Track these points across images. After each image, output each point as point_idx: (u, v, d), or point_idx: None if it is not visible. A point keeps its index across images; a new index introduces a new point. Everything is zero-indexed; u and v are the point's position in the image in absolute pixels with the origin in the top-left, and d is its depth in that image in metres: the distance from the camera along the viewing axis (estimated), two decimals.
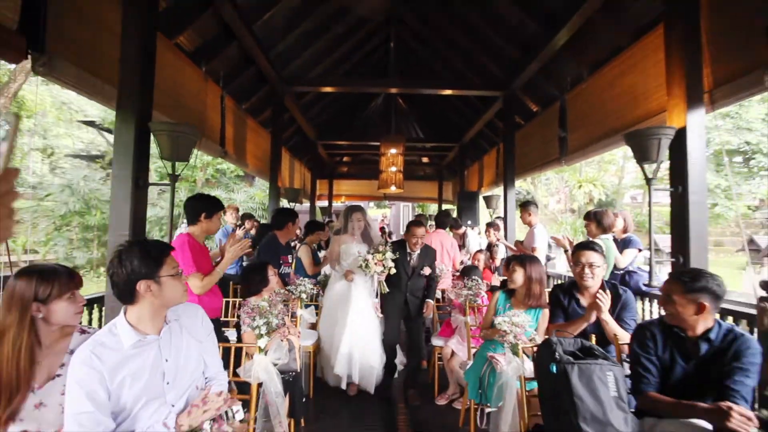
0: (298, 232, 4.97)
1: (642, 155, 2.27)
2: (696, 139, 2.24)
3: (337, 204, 11.40)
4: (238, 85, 4.87)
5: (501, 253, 4.67)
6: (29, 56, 2.07)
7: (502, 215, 5.27)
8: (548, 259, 5.49)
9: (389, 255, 2.97)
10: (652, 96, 2.89)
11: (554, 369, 1.45)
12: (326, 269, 3.83)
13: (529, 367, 1.76)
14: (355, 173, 11.54)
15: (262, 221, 6.04)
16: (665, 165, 2.49)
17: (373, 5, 3.25)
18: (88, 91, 2.31)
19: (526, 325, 1.73)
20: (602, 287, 2.10)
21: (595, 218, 3.05)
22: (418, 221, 3.31)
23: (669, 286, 1.54)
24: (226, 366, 1.62)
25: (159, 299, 1.29)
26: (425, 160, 11.53)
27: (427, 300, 3.22)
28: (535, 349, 1.73)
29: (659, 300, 1.71)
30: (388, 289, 3.11)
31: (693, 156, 2.23)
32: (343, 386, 3.07)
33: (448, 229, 4.62)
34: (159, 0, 2.51)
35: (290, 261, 3.25)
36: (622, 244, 3.49)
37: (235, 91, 4.87)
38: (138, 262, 1.26)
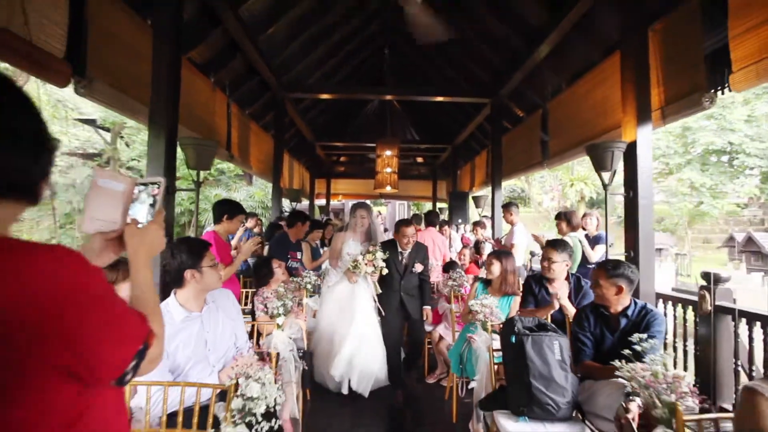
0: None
1: (599, 165, 2.66)
2: (644, 151, 2.62)
3: (335, 202, 11.75)
4: (243, 93, 5.20)
5: (488, 249, 5.06)
6: (72, 80, 2.41)
7: (488, 214, 5.65)
8: (532, 254, 5.90)
9: (379, 255, 2.91)
10: (615, 110, 3.26)
11: (513, 340, 1.83)
12: (325, 264, 4.14)
13: (498, 343, 2.15)
14: (352, 172, 11.88)
15: (263, 219, 6.39)
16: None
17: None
18: (122, 108, 2.66)
19: (493, 306, 2.11)
20: (567, 279, 2.49)
21: (565, 218, 3.43)
22: (407, 220, 3.28)
23: (596, 272, 1.93)
24: (249, 339, 1.99)
25: (201, 285, 1.65)
26: (420, 159, 11.90)
27: (425, 307, 3.18)
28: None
29: (591, 284, 2.09)
30: (381, 290, 3.05)
31: (642, 166, 2.61)
32: (344, 390, 2.93)
33: (437, 227, 4.99)
34: (182, 29, 2.84)
35: (299, 257, 3.61)
36: (594, 241, 3.89)
37: (240, 98, 5.21)
38: (186, 255, 1.62)
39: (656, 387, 1.16)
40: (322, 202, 11.32)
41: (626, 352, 1.55)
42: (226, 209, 2.47)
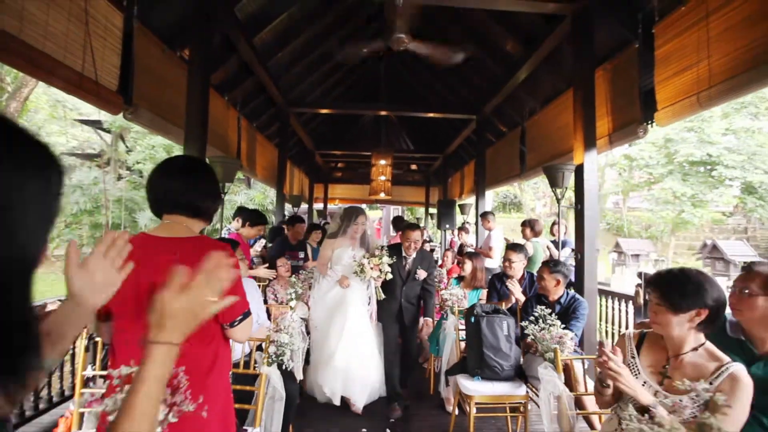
0: None
1: (553, 182, 3.24)
2: (590, 172, 3.20)
3: (332, 206, 12.29)
4: (251, 108, 5.75)
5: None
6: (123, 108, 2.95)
7: (472, 221, 6.22)
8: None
9: (386, 259, 2.80)
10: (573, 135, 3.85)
11: (473, 320, 2.39)
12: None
13: (463, 325, 2.71)
14: (349, 178, 12.43)
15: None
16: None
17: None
18: (160, 130, 3.20)
19: (459, 294, 2.67)
20: (522, 277, 3.06)
21: (529, 225, 4.02)
22: (414, 224, 3.18)
23: (542, 269, 2.50)
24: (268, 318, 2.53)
25: None
26: (414, 167, 12.48)
27: (426, 318, 3.06)
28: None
29: (537, 278, 2.66)
30: (384, 296, 2.92)
31: (588, 184, 3.19)
32: (336, 402, 2.82)
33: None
34: (212, 64, 3.40)
35: (300, 256, 4.13)
36: (562, 245, 4.47)
37: (248, 113, 5.76)
38: None
39: (548, 340, 1.73)
40: (320, 206, 11.85)
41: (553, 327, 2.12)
42: (251, 217, 3.03)
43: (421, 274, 2.99)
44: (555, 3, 3.38)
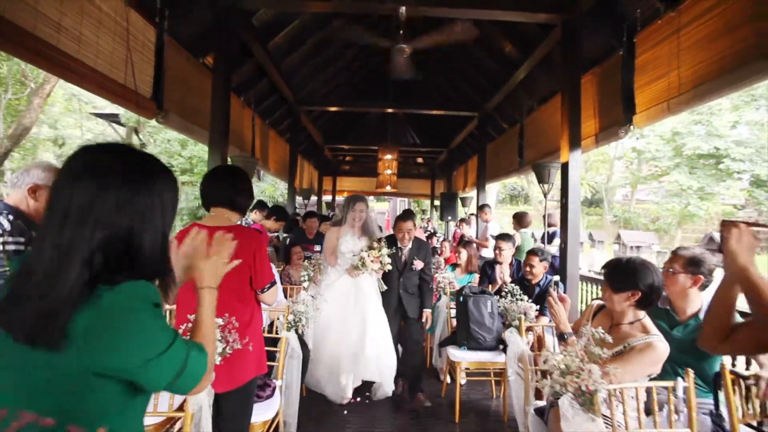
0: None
1: (541, 179, 3.57)
2: (573, 170, 3.51)
3: (340, 198, 12.70)
4: (265, 107, 6.13)
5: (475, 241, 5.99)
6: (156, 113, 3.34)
7: (473, 212, 6.55)
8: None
9: (385, 251, 2.77)
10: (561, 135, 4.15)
11: (461, 299, 2.76)
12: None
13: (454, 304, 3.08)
14: (356, 171, 12.80)
15: None
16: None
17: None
18: (187, 132, 3.59)
19: (450, 278, 3.04)
20: (511, 263, 3.41)
21: (516, 218, 4.35)
22: (404, 215, 3.15)
23: (529, 257, 2.85)
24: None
25: None
26: (420, 160, 12.79)
27: (425, 310, 2.99)
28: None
29: (524, 264, 3.00)
30: (386, 287, 2.92)
31: (572, 181, 3.50)
32: (349, 395, 2.75)
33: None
34: (232, 69, 3.77)
35: (316, 249, 4.47)
36: (552, 236, 4.79)
37: (262, 111, 6.13)
38: None
39: (515, 311, 2.11)
40: (328, 198, 12.25)
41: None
42: (277, 212, 3.45)
43: (418, 264, 2.96)
44: (546, 13, 3.66)
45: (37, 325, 0.63)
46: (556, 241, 4.71)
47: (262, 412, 1.73)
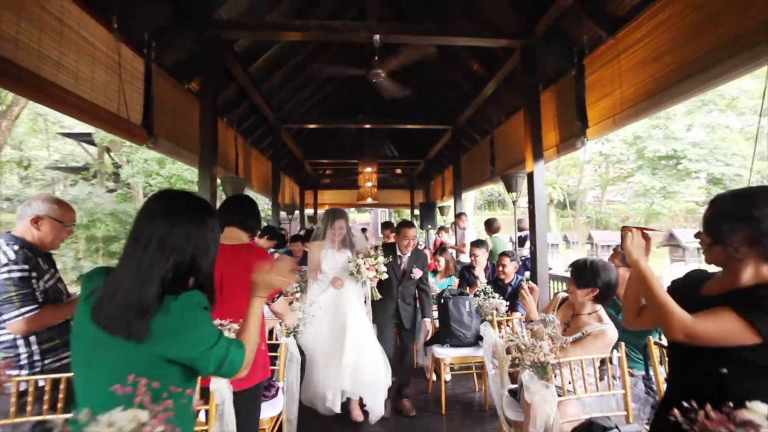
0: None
1: (509, 188, 3.91)
2: (538, 179, 3.87)
3: (321, 212, 12.86)
4: (246, 126, 6.31)
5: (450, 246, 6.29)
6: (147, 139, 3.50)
7: (452, 221, 6.89)
8: None
9: (381, 259, 2.76)
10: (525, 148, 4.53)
11: (442, 301, 3.02)
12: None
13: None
14: (337, 184, 13.02)
15: None
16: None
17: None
18: (177, 156, 3.76)
19: (431, 284, 3.31)
20: (486, 267, 3.71)
21: (486, 224, 4.70)
22: (409, 222, 3.12)
23: (501, 258, 3.15)
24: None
25: None
26: (399, 171, 13.13)
27: (425, 319, 3.05)
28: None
29: (497, 265, 3.30)
30: (380, 296, 2.88)
31: (536, 188, 3.85)
32: (337, 409, 2.66)
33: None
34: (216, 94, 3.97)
35: (302, 269, 4.63)
36: (524, 239, 5.15)
37: (244, 131, 6.31)
38: None
39: (488, 307, 2.39)
40: (310, 211, 12.40)
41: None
42: (270, 232, 3.68)
43: (417, 272, 2.98)
44: (506, 39, 4.05)
45: (130, 323, 0.85)
46: (528, 243, 5.08)
47: (268, 410, 1.93)
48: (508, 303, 2.65)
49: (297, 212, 11.05)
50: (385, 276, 2.81)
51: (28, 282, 1.51)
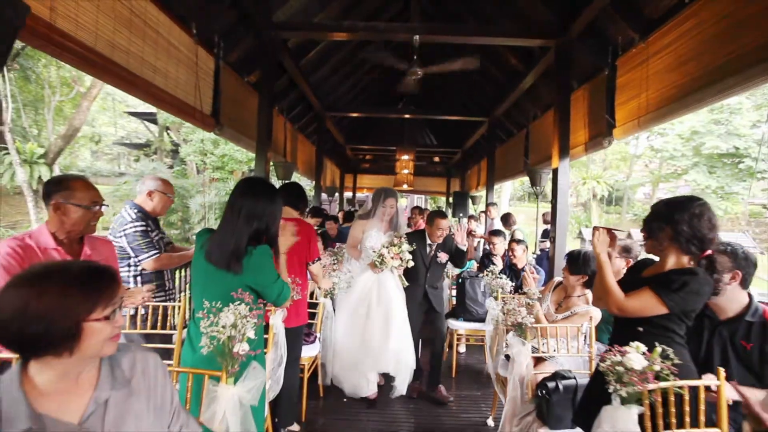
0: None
1: (533, 182, 4.16)
2: (563, 175, 4.07)
3: (360, 195, 13.42)
4: (295, 114, 6.88)
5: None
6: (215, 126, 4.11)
7: (482, 210, 7.15)
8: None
9: (405, 247, 2.77)
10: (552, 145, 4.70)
11: (460, 281, 3.41)
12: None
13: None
14: (376, 169, 13.49)
15: None
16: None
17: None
18: (237, 141, 4.36)
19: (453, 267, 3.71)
20: (504, 255, 4.04)
21: (503, 219, 5.00)
22: (442, 212, 3.08)
23: (511, 245, 3.48)
24: None
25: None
26: (436, 159, 13.36)
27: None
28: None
29: (508, 250, 3.62)
30: (408, 283, 2.93)
31: (560, 184, 4.07)
32: (371, 392, 2.78)
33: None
34: (273, 87, 4.50)
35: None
36: (545, 233, 5.35)
37: (292, 118, 6.88)
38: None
39: (495, 286, 2.77)
40: (349, 194, 13.00)
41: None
42: (313, 210, 4.25)
43: (443, 256, 3.01)
44: (541, 38, 4.22)
45: (231, 260, 1.35)
46: (547, 238, 5.29)
47: (308, 351, 2.45)
48: (514, 284, 2.99)
49: (337, 194, 11.67)
50: (411, 264, 2.84)
51: (148, 234, 2.09)
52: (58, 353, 0.77)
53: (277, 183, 5.46)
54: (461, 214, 8.28)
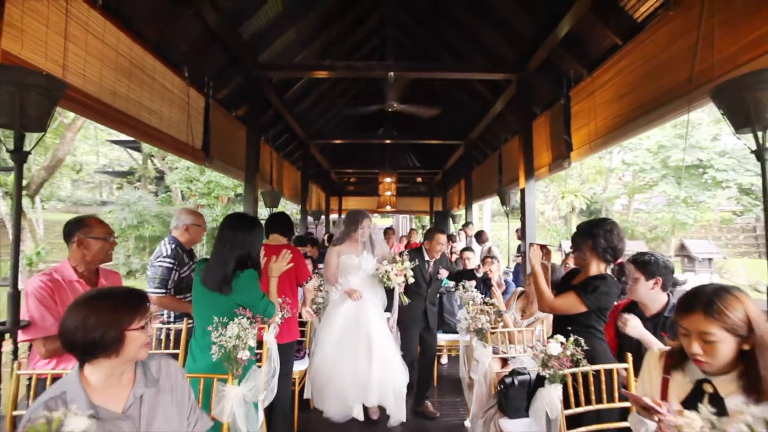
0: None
1: (503, 201, 4.53)
2: (529, 194, 4.46)
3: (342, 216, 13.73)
4: (280, 142, 7.20)
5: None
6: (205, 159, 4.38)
7: (460, 229, 7.51)
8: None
9: (408, 264, 2.80)
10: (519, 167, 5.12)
11: (438, 296, 3.70)
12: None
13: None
14: (360, 191, 13.84)
15: None
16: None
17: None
18: (226, 172, 4.63)
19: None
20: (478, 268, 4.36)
21: (477, 236, 5.35)
22: (441, 228, 3.22)
23: (488, 259, 3.79)
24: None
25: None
26: (419, 179, 13.81)
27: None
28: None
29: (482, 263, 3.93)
30: (408, 300, 2.93)
31: (527, 202, 4.45)
32: (359, 416, 2.73)
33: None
34: (260, 121, 4.83)
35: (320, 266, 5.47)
36: (519, 248, 5.71)
37: (278, 146, 7.20)
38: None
39: (466, 298, 3.06)
40: (335, 216, 13.26)
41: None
42: (296, 240, 4.45)
43: (443, 273, 3.12)
44: (503, 73, 4.69)
45: (221, 284, 1.62)
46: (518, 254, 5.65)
47: (298, 365, 2.67)
48: (484, 297, 3.29)
49: (323, 217, 11.92)
50: (411, 280, 2.84)
51: (169, 272, 2.29)
52: (108, 355, 1.03)
53: (266, 211, 5.73)
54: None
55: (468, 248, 4.37)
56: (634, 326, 1.61)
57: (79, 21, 2.50)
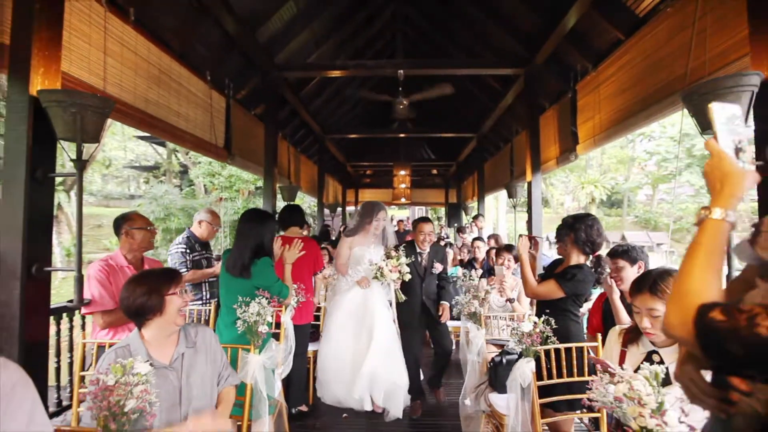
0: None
1: (510, 195, 4.67)
2: (536, 187, 4.58)
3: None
4: (297, 138, 7.48)
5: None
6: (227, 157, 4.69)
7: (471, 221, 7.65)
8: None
9: (404, 260, 2.74)
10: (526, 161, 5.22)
11: (443, 285, 3.91)
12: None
13: None
14: (376, 183, 14.07)
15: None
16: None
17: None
18: (246, 168, 4.94)
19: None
20: (483, 259, 4.52)
21: (492, 237, 5.47)
22: (425, 218, 3.16)
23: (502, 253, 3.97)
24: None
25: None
26: (435, 171, 13.92)
27: (442, 303, 3.03)
28: None
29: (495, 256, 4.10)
30: (405, 297, 2.87)
31: (534, 196, 4.58)
32: (367, 407, 2.68)
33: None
34: (277, 116, 5.10)
35: None
36: None
37: (295, 141, 7.49)
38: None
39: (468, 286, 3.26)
40: (351, 209, 13.56)
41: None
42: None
43: (438, 266, 3.02)
44: (511, 68, 4.78)
45: (241, 269, 1.89)
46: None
47: (312, 346, 2.95)
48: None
49: (339, 209, 12.24)
50: (408, 277, 2.77)
51: (183, 256, 2.66)
52: (155, 314, 1.33)
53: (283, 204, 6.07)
54: (455, 224, 8.78)
55: (479, 238, 4.55)
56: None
57: (115, 36, 2.79)
